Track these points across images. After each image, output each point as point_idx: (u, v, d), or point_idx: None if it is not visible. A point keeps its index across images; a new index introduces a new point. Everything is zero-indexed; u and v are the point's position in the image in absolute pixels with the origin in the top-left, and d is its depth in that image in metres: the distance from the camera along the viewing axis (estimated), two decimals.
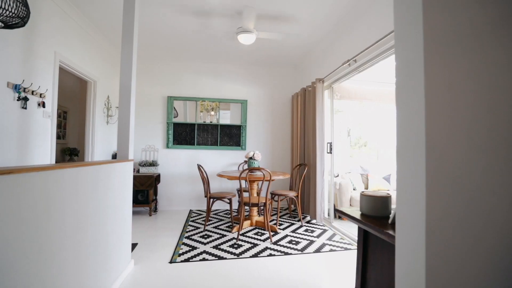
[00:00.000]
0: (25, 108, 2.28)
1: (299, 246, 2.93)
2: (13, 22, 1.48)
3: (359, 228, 1.29)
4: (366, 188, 4.50)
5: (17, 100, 2.20)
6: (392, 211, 1.08)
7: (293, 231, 3.46)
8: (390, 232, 0.94)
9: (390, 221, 1.04)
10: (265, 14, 3.10)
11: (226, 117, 4.92)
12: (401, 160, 0.77)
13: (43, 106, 2.52)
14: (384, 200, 1.16)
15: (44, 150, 2.61)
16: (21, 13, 1.45)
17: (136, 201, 4.18)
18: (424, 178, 0.69)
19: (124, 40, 2.33)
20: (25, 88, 2.26)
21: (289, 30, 3.47)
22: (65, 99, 4.91)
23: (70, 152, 4.83)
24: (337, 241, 3.10)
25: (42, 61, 2.53)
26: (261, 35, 3.19)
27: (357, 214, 1.22)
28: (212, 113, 4.86)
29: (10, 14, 1.41)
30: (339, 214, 1.33)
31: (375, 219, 1.12)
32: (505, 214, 0.71)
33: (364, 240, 1.28)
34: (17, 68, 2.21)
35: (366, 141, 5.70)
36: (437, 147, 0.69)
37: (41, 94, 2.48)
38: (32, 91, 2.36)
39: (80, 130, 5.07)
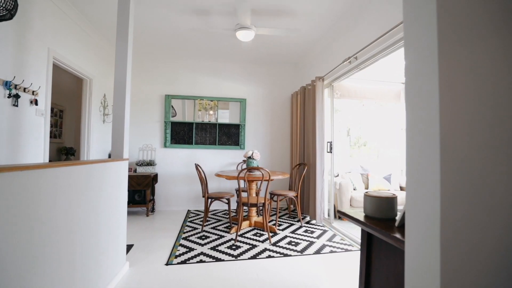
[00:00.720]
0: (17, 106, 2.21)
1: (299, 247, 2.87)
2: (0, 14, 1.41)
3: (362, 230, 1.23)
4: (367, 188, 4.45)
5: (8, 97, 2.13)
6: (399, 213, 1.03)
7: (293, 232, 3.40)
8: (398, 236, 0.88)
9: (397, 223, 0.98)
10: (264, 10, 3.03)
11: (224, 116, 4.85)
12: (412, 160, 0.72)
13: (36, 104, 2.44)
14: (390, 201, 1.10)
15: (37, 149, 2.54)
16: (8, 4, 1.38)
17: (133, 201, 4.11)
18: (438, 178, 0.64)
19: (119, 36, 2.26)
20: (16, 85, 2.19)
21: (288, 26, 3.41)
22: (62, 98, 4.84)
23: (66, 151, 4.75)
24: (338, 242, 3.05)
25: (34, 58, 2.46)
26: (260, 31, 3.12)
27: (360, 216, 1.16)
28: (211, 112, 4.78)
29: None
30: (342, 216, 1.27)
31: (380, 222, 1.06)
32: None
33: (368, 243, 1.22)
34: (8, 65, 2.14)
35: (366, 140, 5.64)
36: (451, 145, 0.64)
37: (33, 92, 2.41)
38: (24, 88, 2.29)
39: (76, 129, 4.99)
